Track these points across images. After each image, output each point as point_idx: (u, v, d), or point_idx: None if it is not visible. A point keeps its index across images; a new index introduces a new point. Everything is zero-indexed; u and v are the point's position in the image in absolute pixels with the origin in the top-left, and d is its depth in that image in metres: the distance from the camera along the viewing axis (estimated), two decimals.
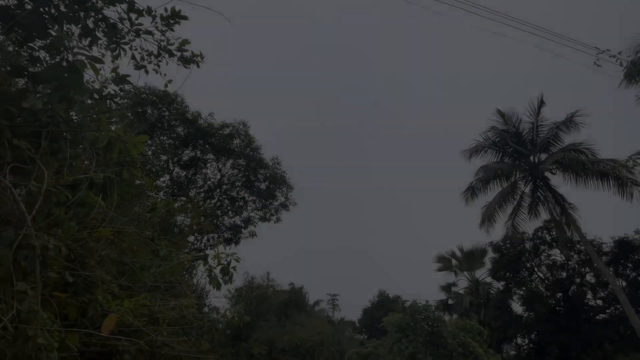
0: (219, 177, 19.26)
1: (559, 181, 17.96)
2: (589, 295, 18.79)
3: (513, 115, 17.76)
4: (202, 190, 19.25)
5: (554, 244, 19.19)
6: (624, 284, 17.26)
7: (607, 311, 17.97)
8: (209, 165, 19.11)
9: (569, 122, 16.26)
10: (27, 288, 1.30)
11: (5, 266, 1.32)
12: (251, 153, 18.09)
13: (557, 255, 19.48)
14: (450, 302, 23.08)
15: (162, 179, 15.69)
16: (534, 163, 17.22)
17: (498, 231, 24.54)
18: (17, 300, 1.28)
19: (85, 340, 2.57)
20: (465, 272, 23.76)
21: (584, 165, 14.81)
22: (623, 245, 17.05)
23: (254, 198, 19.24)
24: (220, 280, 4.66)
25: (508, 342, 20.94)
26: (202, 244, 17.47)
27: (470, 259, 23.05)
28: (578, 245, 18.42)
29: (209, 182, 19.50)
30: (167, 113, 16.33)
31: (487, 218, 17.88)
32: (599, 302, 18.47)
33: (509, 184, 17.47)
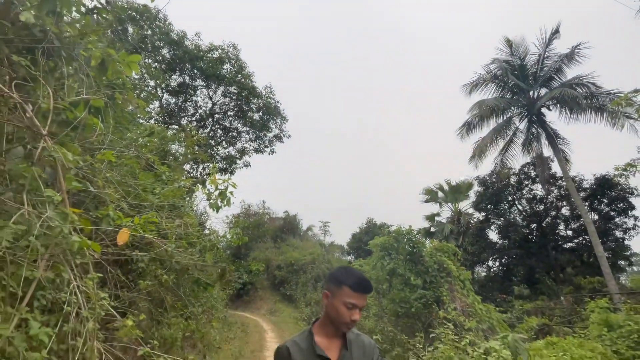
0: (210, 105, 18.75)
1: (553, 117, 17.92)
2: (561, 227, 20.40)
3: (521, 45, 16.79)
4: (193, 119, 18.89)
5: (537, 179, 20.10)
6: (596, 217, 18.65)
7: (575, 241, 19.72)
8: (199, 92, 18.42)
9: (573, 55, 15.56)
10: (55, 194, 1.44)
11: (30, 177, 1.44)
12: (243, 80, 17.31)
13: (538, 190, 20.54)
14: (432, 229, 24.90)
15: (151, 106, 15.21)
16: (532, 99, 16.95)
17: (487, 166, 25.31)
18: (46, 207, 1.44)
19: (102, 250, 2.88)
20: (449, 204, 25.15)
21: (580, 101, 14.67)
22: (602, 182, 17.94)
23: (248, 129, 19.06)
24: (219, 204, 4.97)
25: (481, 264, 23.30)
26: (198, 173, 17.87)
27: (456, 191, 24.16)
28: (560, 181, 19.32)
29: (200, 111, 19.03)
30: (149, 32, 15.05)
31: (478, 153, 18.27)
32: (569, 232, 20.15)
33: (504, 120, 17.44)
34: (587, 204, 18.35)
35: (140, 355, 2.19)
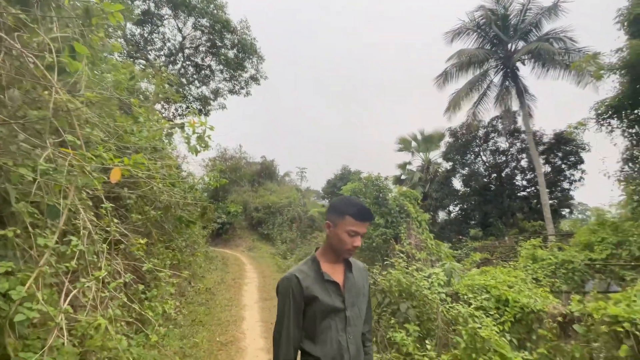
0: (179, 39, 17.36)
1: (526, 71, 18.33)
2: (518, 177, 22.21)
3: None
4: (161, 53, 17.56)
5: (503, 132, 21.24)
6: (549, 169, 20.41)
7: (528, 190, 21.71)
8: (166, 22, 16.88)
9: (555, 8, 15.53)
10: (75, 139, 1.67)
11: (47, 123, 1.65)
12: (215, 12, 15.94)
13: (502, 142, 21.82)
14: (403, 177, 26.27)
15: (114, 37, 13.92)
16: (510, 51, 17.13)
17: (460, 118, 26.09)
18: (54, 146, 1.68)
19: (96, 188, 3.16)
20: (421, 154, 26.26)
21: (554, 56, 15.09)
22: (559, 138, 19.32)
23: (222, 67, 18.08)
24: (198, 147, 5.19)
25: (443, 209, 25.37)
26: (170, 114, 17.25)
27: (428, 142, 25.12)
28: (523, 135, 20.54)
29: (168, 44, 17.64)
30: None
31: (453, 105, 18.77)
32: (524, 182, 22.05)
33: (480, 72, 17.69)
34: (543, 157, 19.91)
35: (145, 269, 2.64)
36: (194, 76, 18.18)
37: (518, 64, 17.01)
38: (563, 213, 21.32)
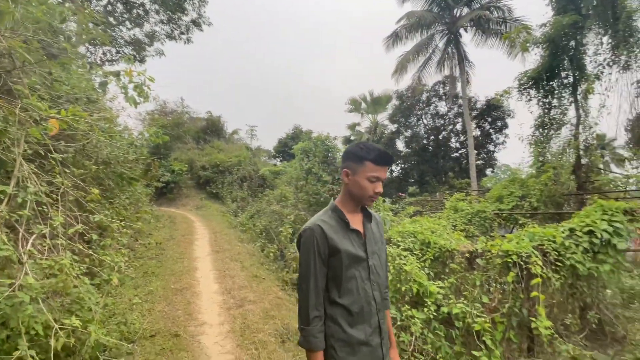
0: None
1: (467, 38, 19.33)
2: (453, 139, 24.35)
3: None
4: None
5: (443, 97, 22.72)
6: (479, 133, 22.67)
7: (460, 151, 24.03)
8: None
9: None
10: (23, 89, 1.58)
11: None
12: None
13: (442, 107, 23.43)
14: (352, 138, 27.09)
15: None
16: (455, 17, 17.81)
17: (407, 81, 26.98)
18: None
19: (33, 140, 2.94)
20: (370, 115, 27.09)
21: (492, 25, 16.12)
22: (489, 104, 21.32)
23: (157, 7, 16.02)
24: (137, 99, 4.88)
25: None
26: (98, 58, 15.20)
27: (377, 104, 25.90)
28: (460, 100, 22.23)
29: None
30: None
31: (400, 68, 19.35)
32: (458, 144, 24.29)
33: (427, 35, 18.25)
34: (475, 121, 21.96)
35: (95, 221, 2.65)
36: (124, 15, 15.91)
37: (461, 30, 17.85)
38: (488, 172, 24.31)
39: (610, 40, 8.86)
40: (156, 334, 3.15)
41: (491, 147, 22.93)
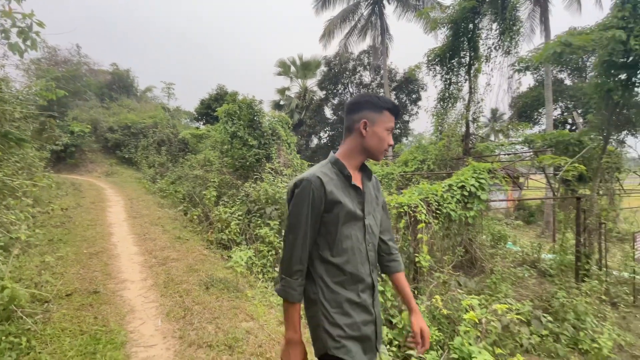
0: None
1: (389, 10, 20.19)
2: None
3: None
4: None
5: (367, 67, 23.79)
6: (397, 102, 24.62)
7: None
8: None
9: None
10: None
11: None
12: None
13: (367, 77, 24.57)
14: (281, 103, 26.79)
15: None
16: None
17: (334, 48, 27.16)
18: None
19: None
20: (299, 80, 26.91)
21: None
22: (407, 77, 23.14)
23: None
24: (22, 45, 4.24)
25: (315, 135, 27.81)
26: None
27: (306, 68, 25.80)
28: (382, 71, 23.59)
29: None
30: None
31: (328, 33, 19.45)
32: None
33: (353, 2, 18.52)
34: (394, 92, 23.73)
35: None
36: None
37: (385, 2, 18.54)
38: (404, 140, 26.90)
39: (498, 27, 10.40)
40: (73, 293, 3.14)
41: (406, 118, 25.25)
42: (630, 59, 6.65)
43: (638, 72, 6.90)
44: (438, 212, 5.46)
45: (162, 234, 5.57)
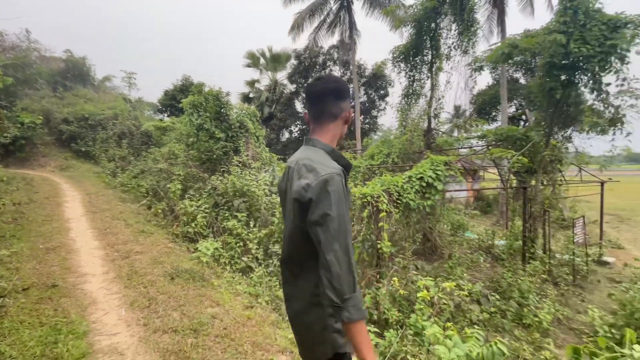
0: None
1: (357, 7, 20.43)
2: None
3: None
4: None
5: (337, 62, 24.02)
6: (366, 98, 25.13)
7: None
8: None
9: None
10: None
11: None
12: None
13: (336, 71, 24.79)
14: (251, 95, 26.38)
15: None
16: None
17: (303, 41, 27.12)
18: None
19: None
20: (269, 72, 26.60)
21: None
22: (375, 73, 23.66)
23: None
24: None
25: (286, 129, 27.72)
26: None
27: (276, 61, 25.54)
28: (351, 67, 23.94)
29: None
30: None
31: (296, 26, 19.38)
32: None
33: None
34: (363, 88, 24.19)
35: None
36: None
37: None
38: (373, 136, 27.57)
39: (457, 27, 10.96)
40: (30, 287, 3.05)
41: (375, 113, 25.87)
42: (570, 60, 7.38)
43: (577, 73, 7.67)
44: (399, 202, 5.81)
45: (125, 227, 5.44)
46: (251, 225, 5.20)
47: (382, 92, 25.13)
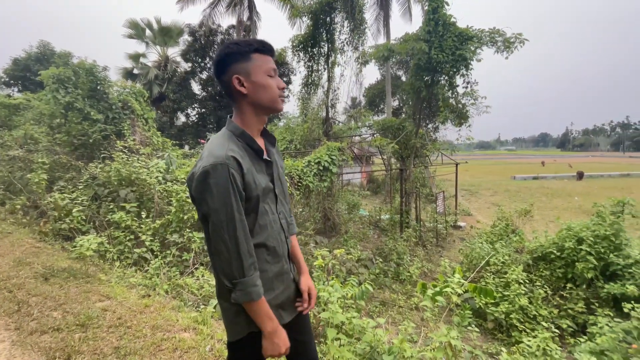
0: None
1: None
2: None
3: None
4: None
5: None
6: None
7: None
8: None
9: None
10: None
11: None
12: None
13: None
14: (135, 71, 23.09)
15: None
16: None
17: (197, 16, 24.86)
18: None
19: None
20: (158, 47, 23.64)
21: None
22: (277, 60, 23.70)
23: None
24: None
25: (181, 111, 25.38)
26: None
27: (166, 34, 22.85)
28: None
29: None
30: None
31: None
32: None
33: None
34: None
35: None
36: None
37: None
38: (279, 123, 27.68)
39: (349, 25, 11.93)
40: None
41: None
42: (432, 64, 9.03)
43: (436, 75, 9.44)
44: (299, 184, 6.27)
45: None
46: (143, 216, 4.84)
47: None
